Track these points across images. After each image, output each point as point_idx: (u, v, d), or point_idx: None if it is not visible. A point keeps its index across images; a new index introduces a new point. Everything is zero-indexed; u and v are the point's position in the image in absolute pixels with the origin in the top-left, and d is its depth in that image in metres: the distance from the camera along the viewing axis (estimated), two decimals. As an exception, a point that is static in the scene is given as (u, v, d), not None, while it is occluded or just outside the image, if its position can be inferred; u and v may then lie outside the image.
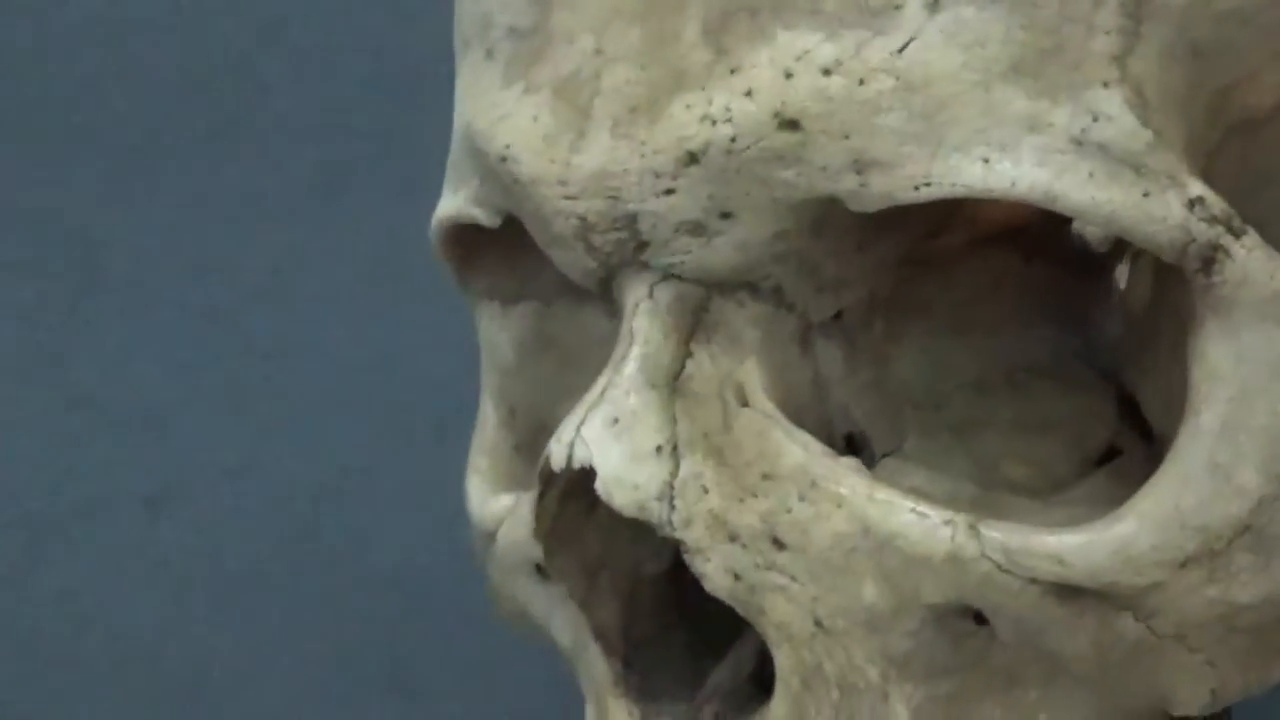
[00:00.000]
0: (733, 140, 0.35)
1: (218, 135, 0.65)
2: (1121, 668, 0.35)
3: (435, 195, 0.42)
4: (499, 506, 0.42)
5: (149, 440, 0.55)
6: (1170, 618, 0.35)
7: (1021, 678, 0.36)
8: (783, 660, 0.36)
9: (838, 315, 0.38)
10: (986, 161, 0.34)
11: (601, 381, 0.37)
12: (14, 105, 0.67)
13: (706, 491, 0.36)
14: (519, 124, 0.37)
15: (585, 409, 0.36)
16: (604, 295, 0.38)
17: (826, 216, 0.36)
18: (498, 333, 0.43)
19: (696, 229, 0.36)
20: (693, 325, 0.37)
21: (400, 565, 0.45)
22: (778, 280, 0.37)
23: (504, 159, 0.37)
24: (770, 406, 0.37)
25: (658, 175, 0.35)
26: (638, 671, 0.39)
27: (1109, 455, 0.39)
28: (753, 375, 0.37)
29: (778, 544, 0.36)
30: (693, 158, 0.35)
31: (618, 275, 0.37)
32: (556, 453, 0.36)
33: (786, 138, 0.34)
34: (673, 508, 0.36)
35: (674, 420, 0.36)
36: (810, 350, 0.38)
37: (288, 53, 0.67)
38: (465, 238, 0.42)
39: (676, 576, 0.39)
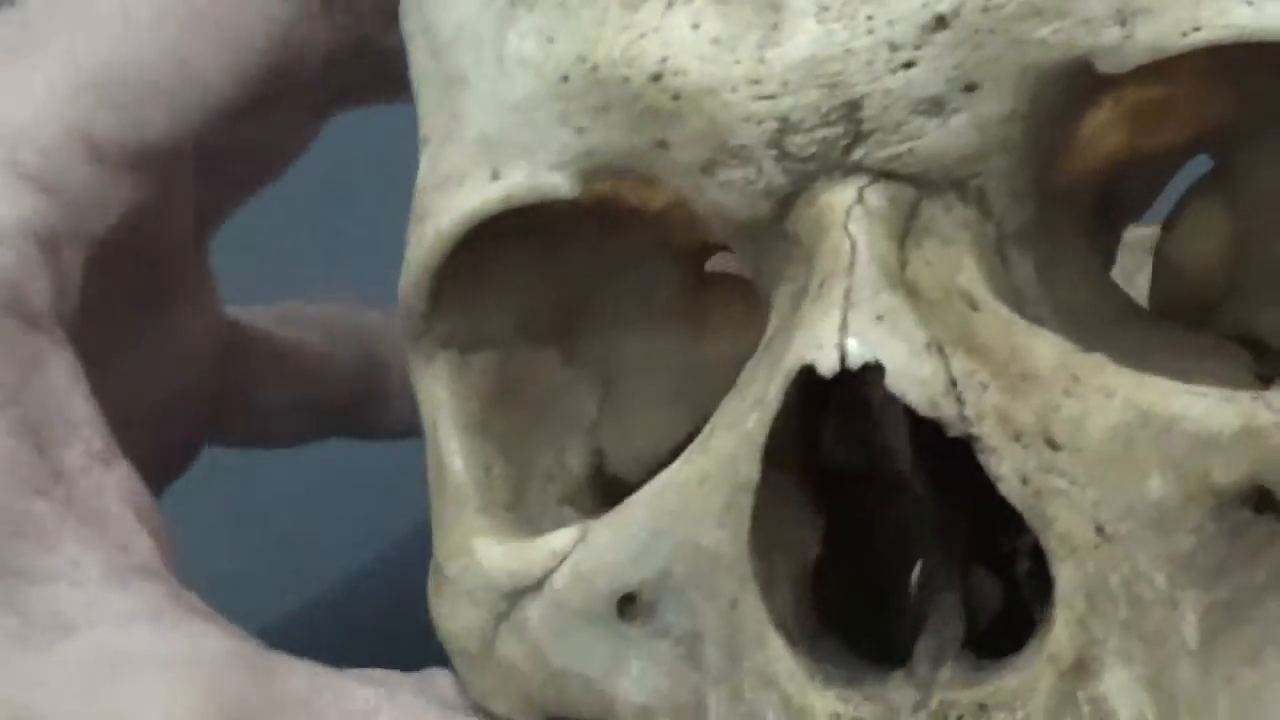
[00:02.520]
0: (988, -4, 0.32)
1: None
2: None
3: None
4: (552, 546, 0.37)
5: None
6: None
7: None
8: (1065, 578, 0.32)
9: (1021, 227, 0.36)
10: (1250, 3, 0.32)
11: (836, 289, 0.33)
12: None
13: (985, 388, 0.32)
14: (673, 36, 0.34)
15: (835, 313, 0.32)
16: (772, 228, 0.34)
17: (1058, 93, 0.33)
18: (459, 385, 0.39)
19: (935, 106, 0.33)
20: (905, 231, 0.34)
21: (399, 565, 0.41)
22: (983, 181, 0.34)
23: (658, 75, 0.34)
24: (1003, 308, 0.34)
25: (894, 48, 0.32)
26: (822, 662, 0.35)
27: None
28: (975, 278, 0.34)
29: (1052, 444, 0.32)
30: (941, 21, 0.32)
31: (810, 188, 0.34)
32: (823, 357, 0.32)
33: (1046, -11, 0.32)
34: (961, 402, 0.32)
35: (925, 321, 0.33)
36: (1008, 261, 0.35)
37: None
38: (450, 265, 0.38)
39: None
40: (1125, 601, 0.33)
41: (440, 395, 0.39)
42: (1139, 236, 0.47)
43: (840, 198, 0.33)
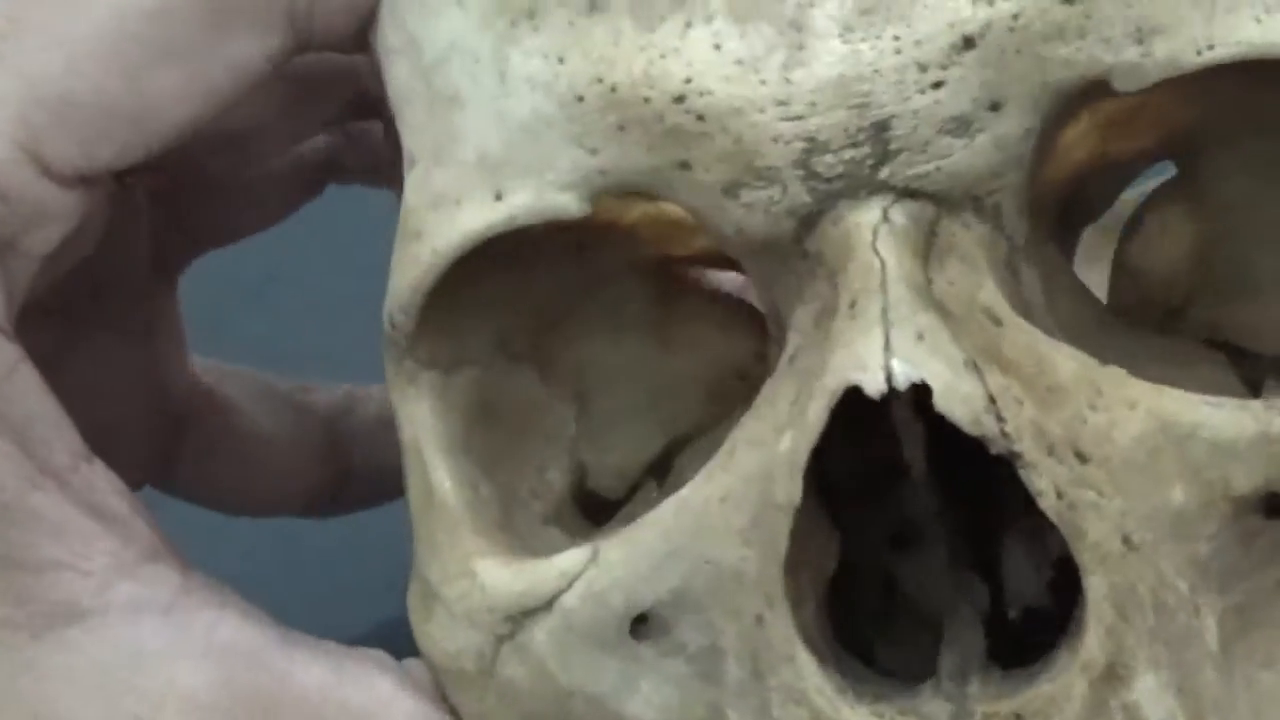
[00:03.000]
0: (1015, 17, 0.33)
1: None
2: None
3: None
4: (562, 566, 0.36)
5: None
6: None
7: None
8: (1095, 588, 0.33)
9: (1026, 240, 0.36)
10: (1258, 21, 0.33)
11: (871, 309, 0.33)
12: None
13: (1020, 404, 0.33)
14: (695, 56, 0.34)
15: (876, 332, 0.32)
16: (792, 247, 0.34)
17: (1067, 110, 0.34)
18: (442, 406, 0.39)
19: (961, 126, 0.33)
20: (927, 249, 0.34)
21: (397, 565, 0.41)
22: (999, 197, 0.34)
23: (681, 97, 0.34)
24: (1024, 323, 0.34)
25: (923, 68, 0.33)
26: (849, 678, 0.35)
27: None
28: (994, 295, 0.34)
29: (1082, 457, 0.33)
30: (969, 42, 0.33)
31: (834, 208, 0.34)
32: (869, 379, 0.32)
33: (1068, 10, 0.33)
34: (1001, 420, 0.32)
35: (958, 339, 0.33)
36: (1018, 275, 0.35)
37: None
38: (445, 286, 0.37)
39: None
40: (1152, 609, 0.33)
41: (425, 417, 0.38)
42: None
43: (867, 217, 0.34)
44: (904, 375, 0.32)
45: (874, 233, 0.33)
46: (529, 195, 0.36)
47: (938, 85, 0.33)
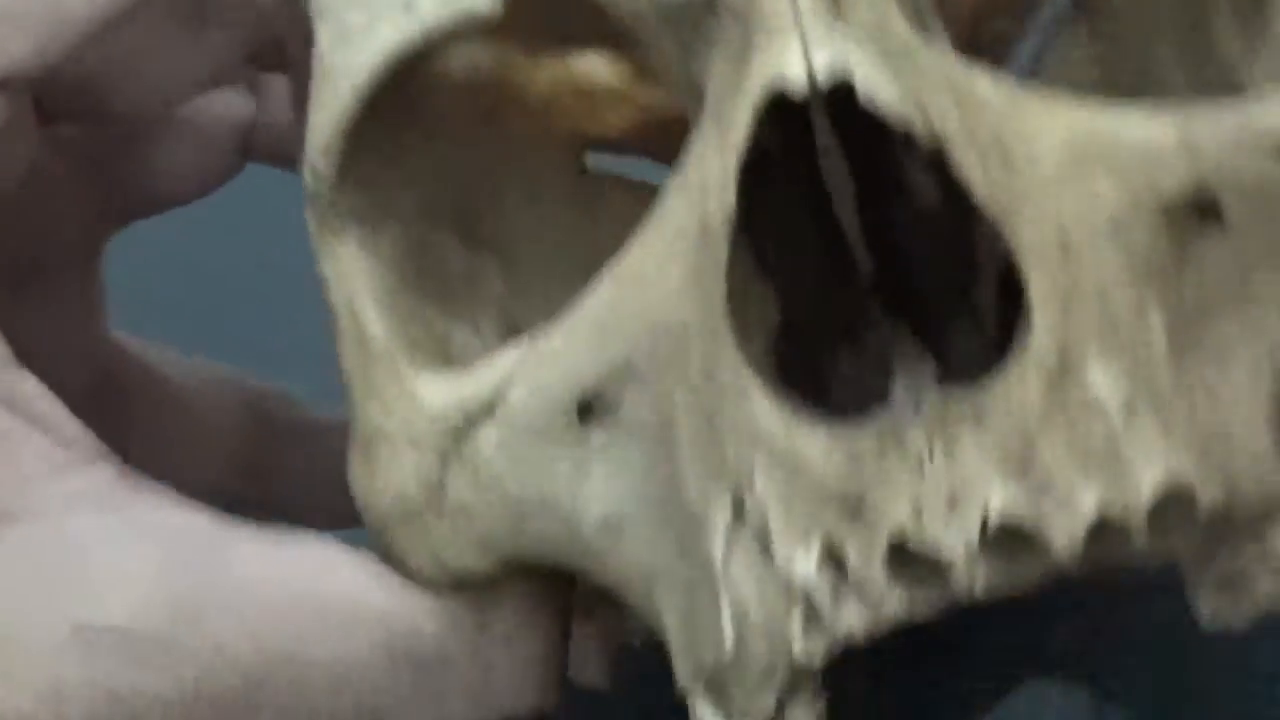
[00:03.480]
0: None
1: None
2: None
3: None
4: (500, 364, 0.36)
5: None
6: None
7: (1255, 271, 0.35)
8: (1037, 285, 0.33)
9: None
10: None
11: (785, 25, 0.33)
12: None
13: (946, 109, 0.33)
14: None
15: (793, 39, 0.33)
16: (702, 10, 0.35)
17: None
18: (371, 259, 0.39)
19: None
20: None
21: None
22: None
23: None
24: (935, 50, 0.34)
25: None
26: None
27: None
28: (905, 27, 0.34)
29: (1010, 161, 0.33)
30: None
31: None
32: (792, 74, 0.32)
33: None
34: (928, 118, 0.33)
35: (879, 52, 0.33)
36: (923, 15, 0.36)
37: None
38: (352, 141, 0.37)
39: None
40: (1097, 307, 0.33)
41: (355, 268, 0.38)
42: None
43: None
44: (828, 68, 0.32)
45: None
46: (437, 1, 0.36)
47: None
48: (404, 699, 0.37)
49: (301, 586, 0.37)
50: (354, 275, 0.38)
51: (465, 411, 0.36)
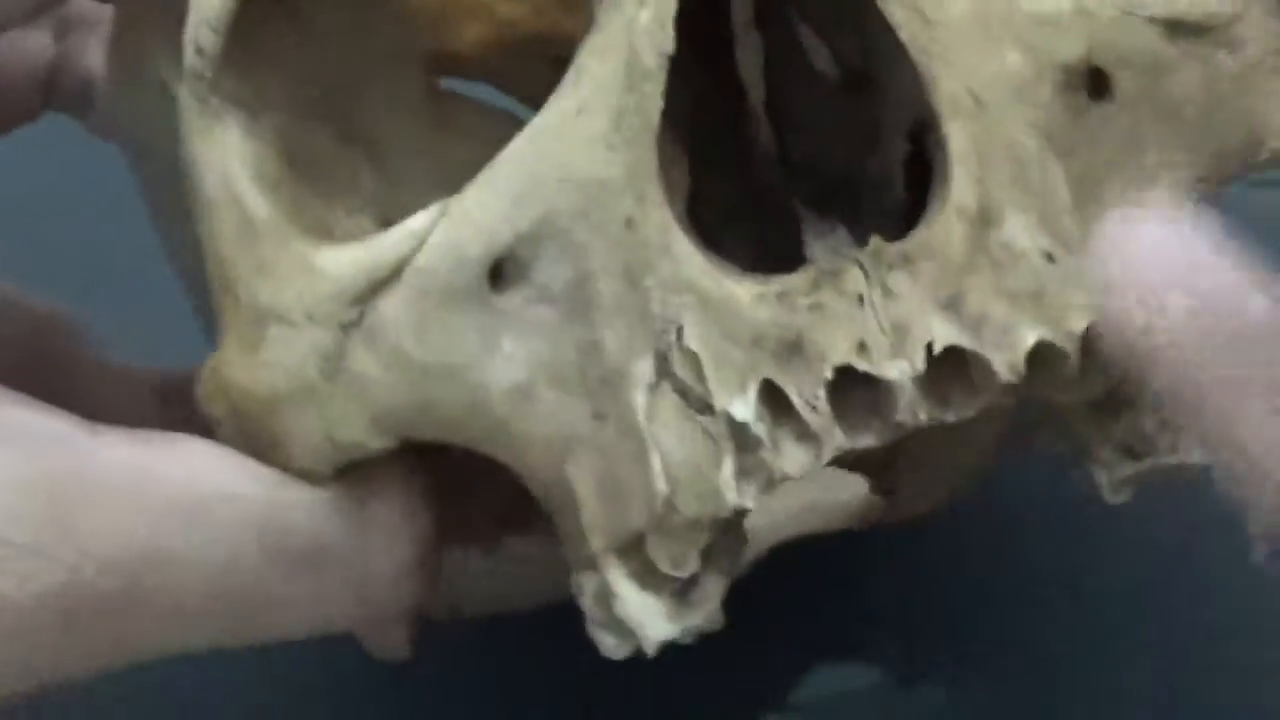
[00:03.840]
0: None
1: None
2: (1223, 105, 0.37)
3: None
4: (409, 227, 0.35)
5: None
6: (1253, 44, 0.37)
7: (1141, 144, 0.36)
8: (956, 136, 0.34)
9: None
10: None
11: None
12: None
13: None
14: None
15: None
16: None
17: None
18: (253, 142, 0.38)
19: None
20: None
21: None
22: None
23: None
24: None
25: None
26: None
27: None
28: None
29: (925, 17, 0.35)
30: None
31: None
32: None
33: None
34: None
35: None
36: None
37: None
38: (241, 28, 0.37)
39: None
40: (1009, 161, 0.35)
41: (235, 150, 0.37)
42: None
43: None
44: None
45: None
46: None
47: None
48: (282, 598, 0.36)
49: (172, 486, 0.35)
50: (236, 157, 0.37)
51: (370, 277, 0.35)
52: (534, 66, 0.44)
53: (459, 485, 0.38)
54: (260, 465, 0.36)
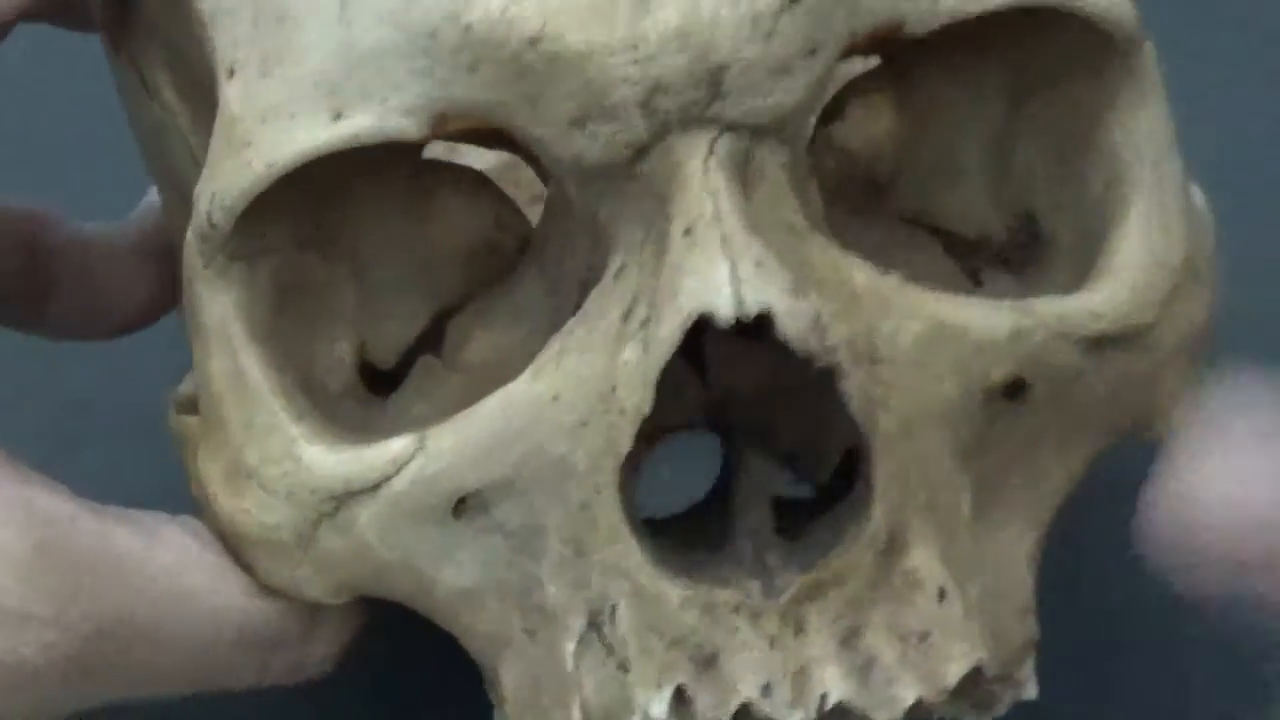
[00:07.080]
0: (836, -27, 0.37)
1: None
2: (1127, 398, 0.41)
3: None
4: (392, 451, 0.39)
5: (148, 443, 0.51)
6: (1166, 345, 0.41)
7: (1039, 442, 0.41)
8: (882, 472, 0.38)
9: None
10: None
11: (711, 237, 0.36)
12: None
13: (834, 318, 0.37)
14: (549, 3, 0.36)
15: (720, 262, 0.36)
16: (623, 171, 0.38)
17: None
18: (248, 295, 0.41)
19: (784, 70, 0.37)
20: (744, 177, 0.38)
21: None
22: (797, 124, 0.38)
23: (536, 40, 0.36)
24: (820, 236, 0.39)
25: (757, 21, 0.36)
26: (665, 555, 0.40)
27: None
28: (798, 214, 0.38)
29: (875, 359, 0.38)
30: (796, -1, 0.36)
31: (665, 140, 0.37)
32: (723, 305, 0.36)
33: (881, -35, 0.37)
34: (824, 337, 0.37)
35: (783, 262, 0.37)
36: (806, 192, 0.40)
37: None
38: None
39: None
40: (924, 487, 0.39)
41: (234, 306, 0.40)
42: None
43: (696, 148, 0.37)
44: (753, 303, 0.36)
45: (705, 163, 0.37)
46: (371, 119, 0.38)
47: (769, 36, 0.36)
48: (239, 671, 0.43)
49: (167, 576, 0.41)
50: (233, 313, 0.41)
51: (348, 487, 0.40)
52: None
53: None
54: (235, 570, 0.42)
